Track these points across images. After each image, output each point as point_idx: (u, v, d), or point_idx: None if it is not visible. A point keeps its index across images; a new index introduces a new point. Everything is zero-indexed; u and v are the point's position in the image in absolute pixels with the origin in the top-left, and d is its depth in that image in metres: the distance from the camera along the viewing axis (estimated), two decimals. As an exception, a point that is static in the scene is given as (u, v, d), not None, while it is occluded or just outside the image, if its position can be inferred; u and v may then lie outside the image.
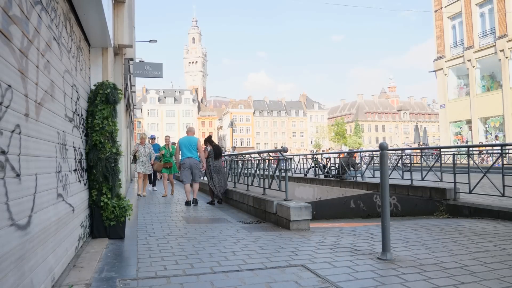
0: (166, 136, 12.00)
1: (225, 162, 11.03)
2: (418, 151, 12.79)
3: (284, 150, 6.49)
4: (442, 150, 10.18)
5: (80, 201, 4.20)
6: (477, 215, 6.27)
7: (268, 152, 7.77)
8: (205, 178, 10.93)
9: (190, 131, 9.14)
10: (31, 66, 2.58)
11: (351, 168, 11.95)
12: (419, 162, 11.13)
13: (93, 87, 4.85)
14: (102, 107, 4.70)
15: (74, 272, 3.30)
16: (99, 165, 4.56)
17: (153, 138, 13.19)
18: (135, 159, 11.08)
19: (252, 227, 5.84)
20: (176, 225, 6.05)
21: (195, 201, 8.89)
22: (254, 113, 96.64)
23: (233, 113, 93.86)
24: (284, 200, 6.06)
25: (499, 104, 23.36)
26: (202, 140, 9.62)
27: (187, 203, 8.70)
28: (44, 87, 2.88)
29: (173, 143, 12.14)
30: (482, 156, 18.15)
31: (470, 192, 6.77)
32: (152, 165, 11.15)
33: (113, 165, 4.71)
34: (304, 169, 16.03)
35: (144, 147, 11.08)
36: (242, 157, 9.66)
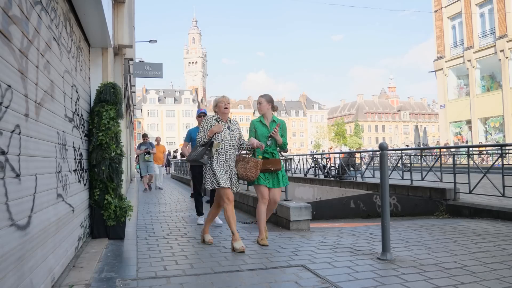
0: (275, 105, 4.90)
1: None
2: (418, 151, 12.79)
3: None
4: (442, 150, 10.18)
5: (80, 201, 4.21)
6: (477, 215, 6.26)
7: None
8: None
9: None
10: (31, 66, 2.58)
11: (351, 168, 11.95)
12: (419, 162, 11.12)
13: (97, 87, 4.86)
14: (109, 107, 4.71)
15: (74, 272, 3.30)
16: (102, 164, 4.56)
17: (203, 113, 6.35)
18: (210, 151, 4.29)
19: (252, 227, 5.84)
20: (176, 225, 6.05)
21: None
22: (254, 113, 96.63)
23: (233, 113, 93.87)
24: (284, 200, 6.06)
25: (499, 104, 23.37)
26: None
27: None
28: (44, 87, 2.88)
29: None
30: (482, 156, 18.15)
31: (470, 192, 6.77)
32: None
33: (117, 165, 4.73)
34: (304, 169, 16.03)
35: (229, 126, 4.45)
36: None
